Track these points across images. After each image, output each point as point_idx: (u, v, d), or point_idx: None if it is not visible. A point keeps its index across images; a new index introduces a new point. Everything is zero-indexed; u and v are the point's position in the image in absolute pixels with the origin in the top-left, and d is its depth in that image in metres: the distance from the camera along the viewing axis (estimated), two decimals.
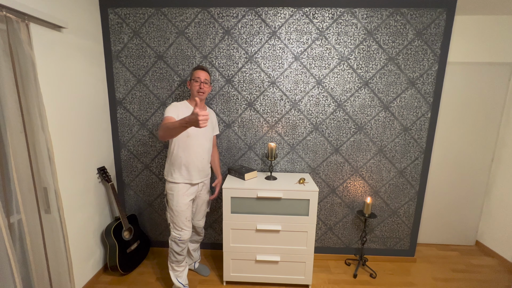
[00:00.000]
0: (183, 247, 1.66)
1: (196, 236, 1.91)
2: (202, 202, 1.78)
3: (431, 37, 1.83)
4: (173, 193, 1.62)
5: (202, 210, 1.82)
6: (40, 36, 1.39)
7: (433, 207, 2.40)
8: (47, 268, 1.36)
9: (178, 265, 1.71)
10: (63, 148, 1.58)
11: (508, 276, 2.04)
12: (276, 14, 1.85)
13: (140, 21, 1.88)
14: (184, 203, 1.62)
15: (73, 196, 1.68)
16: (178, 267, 1.71)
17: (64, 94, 1.58)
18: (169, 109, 1.54)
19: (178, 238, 1.63)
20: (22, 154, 1.23)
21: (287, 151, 2.05)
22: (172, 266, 1.71)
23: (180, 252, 1.66)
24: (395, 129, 1.98)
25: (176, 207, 1.62)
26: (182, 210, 1.62)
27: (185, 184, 1.63)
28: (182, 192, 1.62)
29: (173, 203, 1.62)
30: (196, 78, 1.58)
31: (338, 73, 1.91)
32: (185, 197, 1.63)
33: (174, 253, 1.67)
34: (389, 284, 1.92)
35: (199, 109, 1.13)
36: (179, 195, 1.62)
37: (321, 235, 2.19)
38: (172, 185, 1.62)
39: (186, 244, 1.68)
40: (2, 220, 1.11)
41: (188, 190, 1.64)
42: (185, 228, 1.64)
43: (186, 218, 1.64)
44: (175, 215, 1.62)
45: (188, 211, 1.65)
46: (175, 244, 1.65)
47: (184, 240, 1.65)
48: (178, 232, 1.64)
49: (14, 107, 1.19)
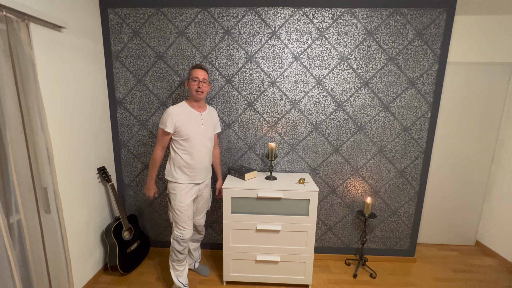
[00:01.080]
0: (184, 246, 1.67)
1: (197, 235, 1.91)
2: (203, 200, 1.78)
3: (431, 37, 1.83)
4: (175, 193, 1.62)
5: (203, 209, 1.82)
6: (40, 36, 1.38)
7: (433, 207, 2.40)
8: (46, 268, 1.36)
9: (179, 264, 1.71)
10: (63, 148, 1.58)
11: (508, 276, 2.04)
12: (276, 14, 1.85)
13: (140, 21, 1.88)
14: (187, 203, 1.63)
15: (73, 196, 1.67)
16: (179, 266, 1.72)
17: (64, 94, 1.57)
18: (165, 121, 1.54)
19: (180, 237, 1.64)
20: (21, 154, 1.23)
21: (287, 151, 2.05)
22: (174, 265, 1.72)
23: (182, 251, 1.67)
24: (395, 129, 1.98)
25: (178, 207, 1.62)
26: (184, 210, 1.62)
27: (187, 184, 1.63)
28: (185, 192, 1.62)
29: (175, 203, 1.62)
30: (194, 77, 1.56)
31: (338, 73, 1.91)
32: (187, 196, 1.63)
33: (175, 252, 1.67)
34: (389, 284, 1.92)
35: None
36: (182, 194, 1.62)
37: (321, 235, 2.19)
38: (175, 184, 1.62)
39: (187, 243, 1.69)
40: (2, 220, 1.11)
41: (190, 190, 1.65)
42: (187, 227, 1.65)
43: (188, 217, 1.65)
44: (177, 214, 1.63)
45: (190, 211, 1.65)
46: (177, 243, 1.65)
47: (186, 239, 1.65)
48: (181, 231, 1.64)
49: (14, 107, 1.19)
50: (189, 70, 1.63)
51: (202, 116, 1.64)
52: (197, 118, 1.62)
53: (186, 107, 1.61)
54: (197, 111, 1.63)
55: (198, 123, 1.61)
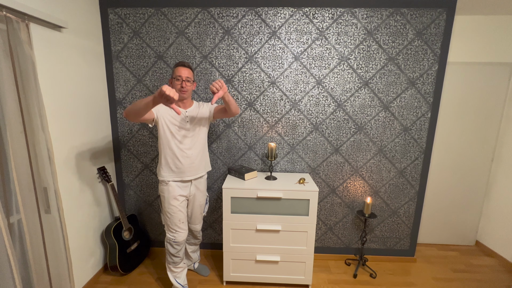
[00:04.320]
0: (178, 249, 1.63)
1: (193, 239, 1.87)
2: (197, 205, 1.71)
3: (431, 37, 1.83)
4: (164, 195, 1.57)
5: (198, 214, 1.75)
6: (40, 36, 1.39)
7: (433, 207, 2.40)
8: (47, 268, 1.36)
9: (175, 266, 1.69)
10: (63, 148, 1.58)
11: (508, 276, 2.04)
12: (276, 14, 1.85)
13: (140, 21, 1.88)
14: (175, 205, 1.57)
15: (73, 196, 1.68)
16: (176, 268, 1.69)
17: (64, 94, 1.58)
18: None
19: (173, 240, 1.60)
20: (22, 154, 1.23)
21: (287, 151, 2.05)
22: (170, 267, 1.69)
23: (176, 254, 1.64)
24: (395, 129, 1.98)
25: (168, 209, 1.57)
26: (174, 212, 1.57)
27: (175, 182, 1.56)
28: (173, 194, 1.56)
29: (164, 205, 1.58)
30: (177, 76, 1.46)
31: (338, 73, 1.91)
32: (175, 200, 1.57)
33: (170, 254, 1.65)
34: (389, 284, 1.92)
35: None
36: (170, 197, 1.56)
37: (321, 235, 2.19)
38: (163, 187, 1.57)
39: (181, 246, 1.65)
40: (2, 220, 1.11)
41: (180, 190, 1.58)
42: (179, 230, 1.61)
43: (179, 220, 1.60)
44: (168, 217, 1.59)
45: (180, 213, 1.60)
46: (170, 246, 1.62)
47: (179, 241, 1.62)
48: (173, 234, 1.61)
49: (14, 107, 1.19)
50: (173, 68, 1.53)
51: (187, 113, 1.55)
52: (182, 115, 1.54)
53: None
54: (181, 108, 1.55)
55: (183, 120, 1.53)
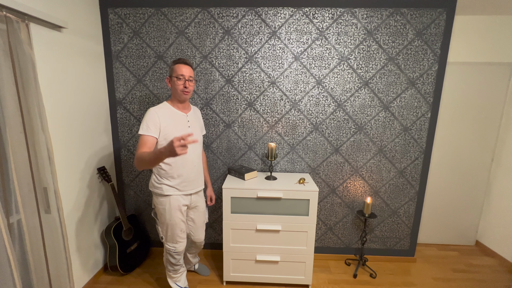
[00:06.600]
0: (178, 258, 1.60)
1: (195, 249, 1.81)
2: (200, 214, 1.66)
3: (431, 37, 1.83)
4: (164, 207, 1.46)
5: (202, 222, 1.69)
6: (40, 36, 1.38)
7: (433, 207, 2.40)
8: (47, 268, 1.36)
9: (175, 273, 1.66)
10: (63, 148, 1.58)
11: (508, 276, 2.04)
12: (276, 14, 1.85)
13: (140, 21, 1.88)
14: (178, 216, 1.49)
15: (73, 196, 1.68)
16: (175, 274, 1.67)
17: (64, 94, 1.57)
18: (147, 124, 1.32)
19: (173, 250, 1.54)
20: (22, 154, 1.23)
21: (287, 151, 2.05)
22: (170, 274, 1.67)
23: (176, 262, 1.60)
24: (395, 129, 1.98)
25: (169, 221, 1.48)
26: (176, 223, 1.48)
27: (177, 196, 1.47)
28: (175, 206, 1.46)
29: (165, 217, 1.48)
30: (180, 75, 1.36)
31: (338, 73, 1.91)
32: (178, 211, 1.48)
33: (170, 264, 1.61)
34: (389, 284, 1.92)
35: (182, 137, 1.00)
36: (172, 209, 1.46)
37: (321, 235, 2.19)
38: (163, 199, 1.46)
39: (182, 254, 1.61)
40: (2, 220, 1.11)
41: (181, 202, 1.49)
42: (180, 241, 1.54)
43: (181, 230, 1.52)
44: (168, 229, 1.50)
45: (182, 223, 1.52)
46: (171, 257, 1.57)
47: (180, 251, 1.56)
48: (173, 245, 1.54)
49: (14, 107, 1.19)
50: (171, 65, 1.41)
51: (188, 117, 1.48)
52: (183, 120, 1.45)
53: (170, 108, 1.43)
54: (182, 112, 1.46)
55: (185, 125, 1.45)
